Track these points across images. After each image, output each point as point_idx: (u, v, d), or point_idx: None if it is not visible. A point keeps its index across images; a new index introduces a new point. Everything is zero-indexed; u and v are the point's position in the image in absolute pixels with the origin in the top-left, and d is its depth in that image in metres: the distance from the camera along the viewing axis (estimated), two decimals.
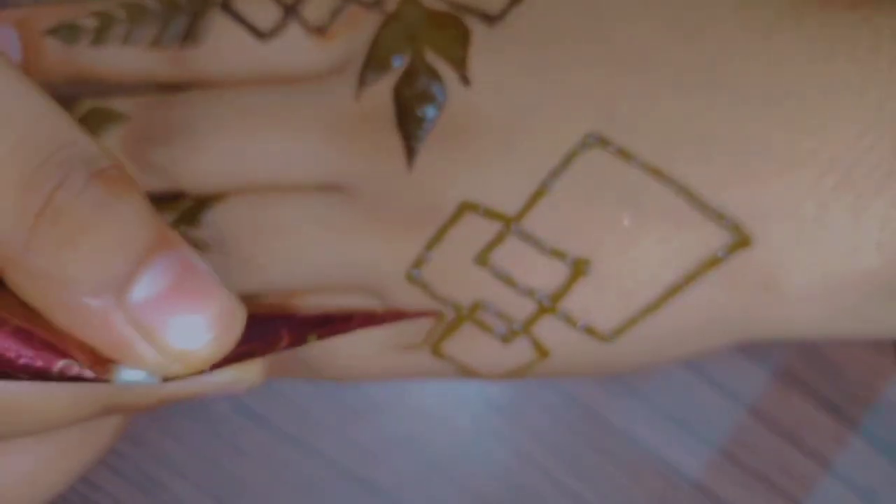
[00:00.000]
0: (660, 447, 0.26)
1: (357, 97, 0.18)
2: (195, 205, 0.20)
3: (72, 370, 0.12)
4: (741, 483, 0.26)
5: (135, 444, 0.26)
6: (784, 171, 0.16)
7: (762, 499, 0.26)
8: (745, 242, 0.17)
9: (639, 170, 0.17)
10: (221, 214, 0.19)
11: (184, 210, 0.20)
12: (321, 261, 0.19)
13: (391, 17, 0.18)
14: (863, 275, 0.17)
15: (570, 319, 0.18)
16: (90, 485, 0.26)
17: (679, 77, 0.17)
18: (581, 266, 0.18)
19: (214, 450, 0.26)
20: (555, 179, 0.17)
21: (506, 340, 0.19)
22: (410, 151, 0.18)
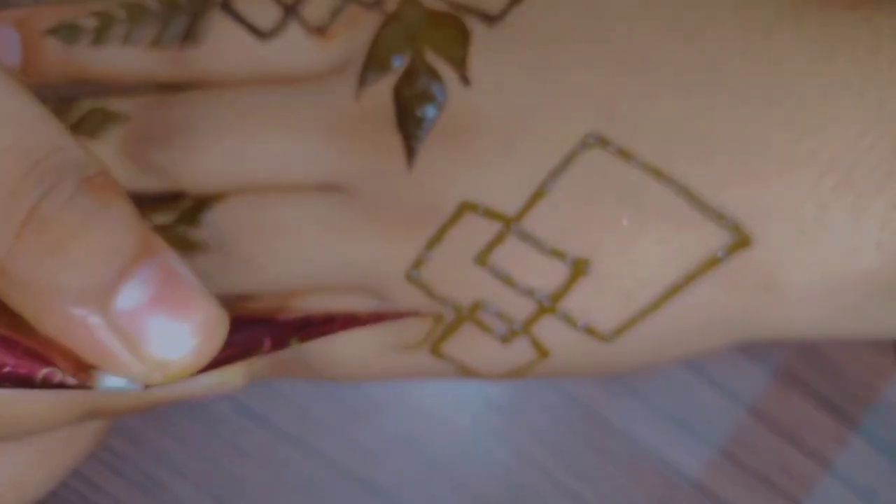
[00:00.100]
0: (660, 447, 0.26)
1: (357, 97, 0.18)
2: (195, 205, 0.19)
3: (55, 377, 0.12)
4: (741, 483, 0.26)
5: (135, 444, 0.26)
6: (784, 171, 0.16)
7: (762, 499, 0.26)
8: (745, 242, 0.17)
9: (639, 170, 0.17)
10: (221, 214, 0.19)
11: (184, 210, 0.20)
12: (321, 261, 0.19)
13: (391, 17, 0.18)
14: (863, 275, 0.17)
15: (570, 319, 0.18)
16: (90, 485, 0.26)
17: (679, 77, 0.17)
18: (581, 266, 0.18)
19: (214, 450, 0.26)
20: (555, 179, 0.17)
21: (506, 340, 0.19)
22: (410, 151, 0.18)
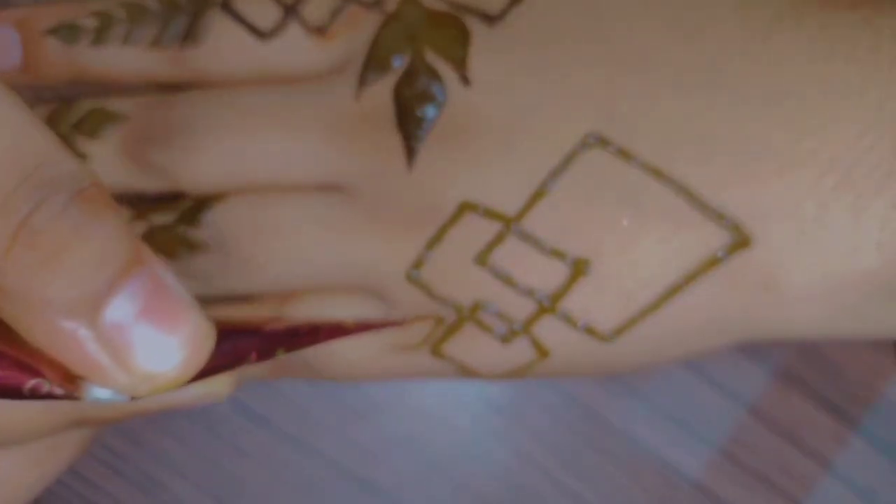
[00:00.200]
0: (660, 447, 0.26)
1: (357, 97, 0.18)
2: (195, 205, 0.19)
3: (42, 389, 0.12)
4: (741, 483, 0.26)
5: (135, 444, 0.26)
6: (784, 171, 0.16)
7: (762, 499, 0.26)
8: (745, 242, 0.17)
9: (639, 170, 0.17)
10: (221, 214, 0.19)
11: (184, 210, 0.20)
12: (321, 261, 0.19)
13: (391, 17, 0.18)
14: (863, 275, 0.17)
15: (570, 319, 0.18)
16: (90, 485, 0.26)
17: (679, 77, 0.17)
18: (581, 266, 0.18)
19: (214, 450, 0.26)
20: (555, 179, 0.17)
21: (506, 340, 0.19)
22: (410, 151, 0.18)
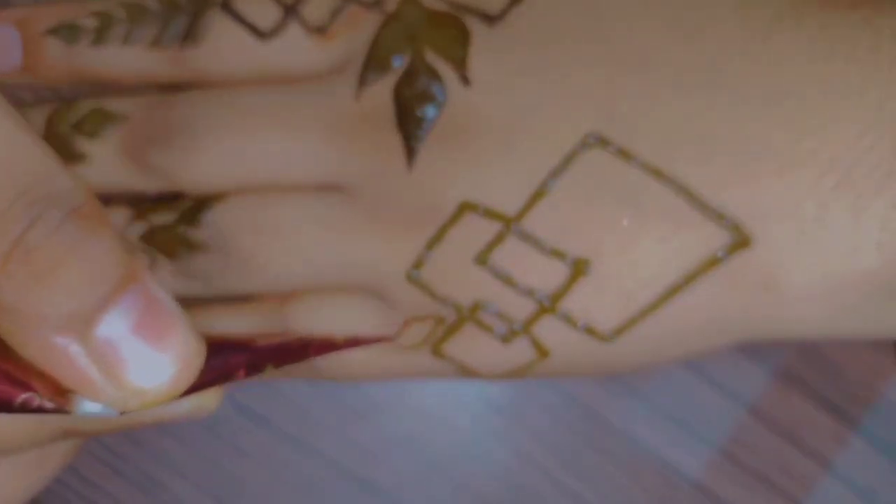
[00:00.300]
0: (660, 447, 0.26)
1: (357, 97, 0.18)
2: (195, 205, 0.19)
3: (33, 402, 0.13)
4: (741, 483, 0.26)
5: (135, 444, 0.26)
6: (784, 171, 0.16)
7: (762, 499, 0.26)
8: (745, 242, 0.17)
9: (639, 170, 0.17)
10: (221, 214, 0.19)
11: (184, 210, 0.20)
12: (321, 261, 0.19)
13: (391, 17, 0.18)
14: (863, 275, 0.17)
15: (570, 319, 0.18)
16: (90, 484, 0.26)
17: (679, 77, 0.17)
18: (581, 266, 0.18)
19: (214, 450, 0.26)
20: (555, 179, 0.17)
21: (506, 340, 0.19)
22: (410, 151, 0.18)
